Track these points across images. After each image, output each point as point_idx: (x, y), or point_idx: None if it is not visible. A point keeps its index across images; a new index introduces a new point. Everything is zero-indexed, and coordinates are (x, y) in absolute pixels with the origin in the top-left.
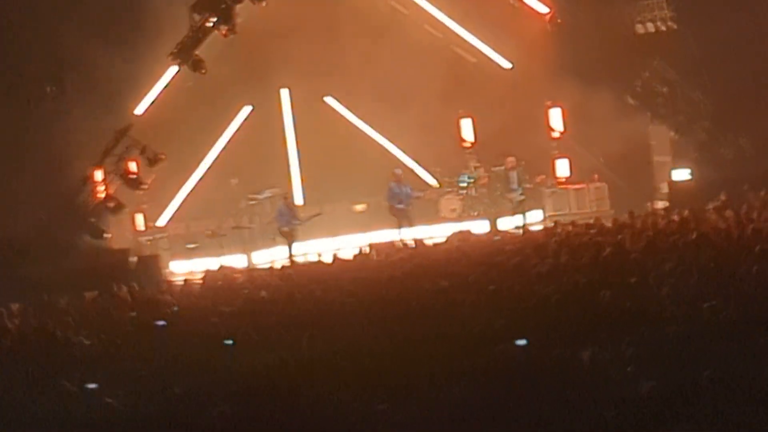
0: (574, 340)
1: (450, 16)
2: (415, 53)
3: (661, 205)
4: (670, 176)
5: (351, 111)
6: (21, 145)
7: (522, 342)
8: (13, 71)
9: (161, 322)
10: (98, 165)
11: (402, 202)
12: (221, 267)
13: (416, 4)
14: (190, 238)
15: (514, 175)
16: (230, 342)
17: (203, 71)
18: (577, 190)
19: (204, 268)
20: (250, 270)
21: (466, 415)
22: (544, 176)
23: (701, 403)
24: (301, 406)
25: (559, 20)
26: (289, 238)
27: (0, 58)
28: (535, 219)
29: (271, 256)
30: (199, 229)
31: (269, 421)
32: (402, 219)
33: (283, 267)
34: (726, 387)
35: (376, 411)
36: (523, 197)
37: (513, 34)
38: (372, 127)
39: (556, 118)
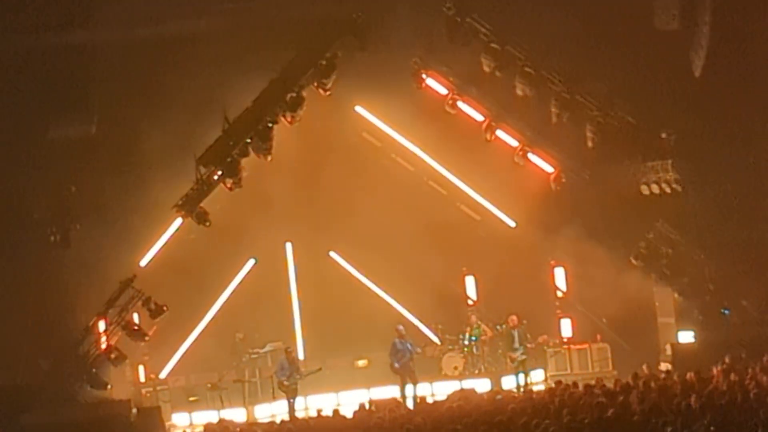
0: None
1: (455, 174)
2: (420, 210)
3: (664, 367)
4: (674, 338)
5: (354, 266)
6: (24, 293)
7: None
8: (18, 219)
9: None
10: (101, 315)
11: (401, 360)
12: (221, 420)
13: (422, 161)
14: (191, 390)
15: (516, 333)
16: None
17: (208, 224)
18: (579, 350)
19: (205, 421)
20: (251, 424)
21: None
22: (546, 336)
23: None
24: None
25: (563, 179)
26: (290, 393)
27: (7, 205)
28: (537, 378)
29: (272, 411)
30: (201, 382)
31: None
32: (405, 375)
33: (283, 422)
34: None
35: None
36: (525, 356)
37: (518, 193)
38: (375, 282)
39: (559, 277)
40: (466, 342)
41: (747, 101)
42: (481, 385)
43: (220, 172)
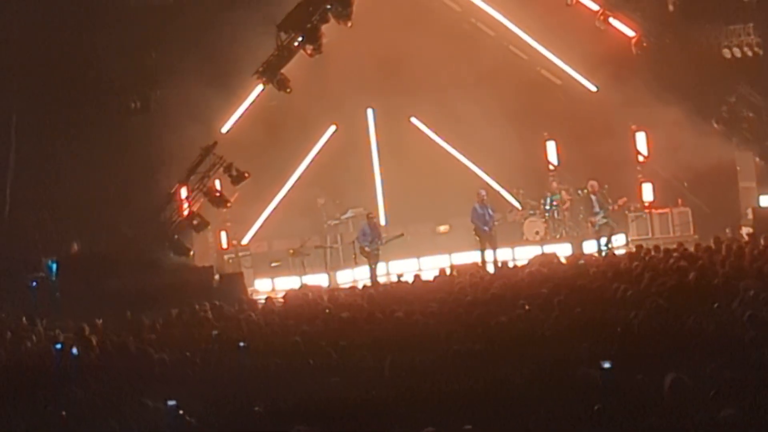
0: (657, 364)
1: (536, 38)
2: (500, 74)
3: (746, 231)
4: (755, 202)
5: (435, 132)
6: (106, 160)
7: (606, 365)
8: (100, 86)
9: (243, 343)
10: (183, 182)
11: (487, 224)
12: (303, 286)
13: (502, 25)
14: (273, 256)
15: (594, 199)
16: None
17: (288, 90)
18: (660, 214)
19: (287, 287)
20: (332, 290)
21: None
22: (626, 198)
23: None
24: (384, 428)
25: (644, 44)
26: (372, 258)
27: (88, 72)
28: (618, 243)
29: (354, 276)
30: (282, 248)
31: None
32: (486, 240)
33: (365, 287)
34: None
35: None
36: (606, 220)
37: (599, 57)
38: (456, 148)
39: (641, 142)
40: (548, 207)
41: None
42: (563, 250)
43: (300, 38)
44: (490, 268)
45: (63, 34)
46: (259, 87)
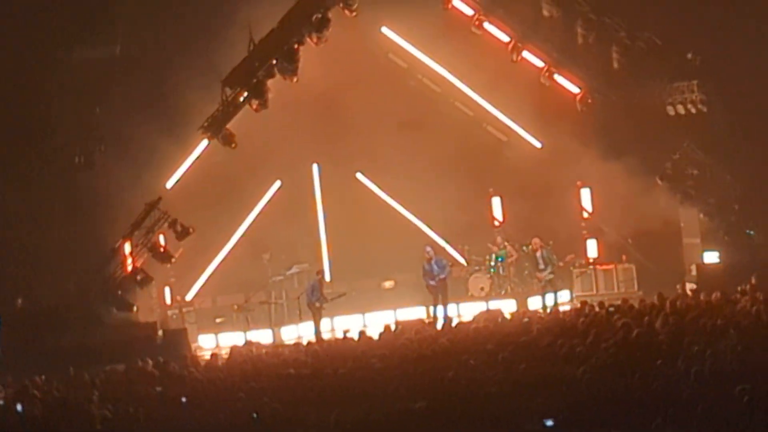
0: (602, 421)
1: (481, 95)
2: (446, 130)
3: (690, 287)
4: (699, 258)
5: (381, 188)
6: (49, 216)
7: (550, 422)
8: (45, 140)
9: (185, 399)
10: (127, 237)
11: (433, 279)
12: (247, 342)
13: (448, 82)
14: (217, 312)
15: (539, 256)
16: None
17: (234, 145)
18: (605, 270)
19: (231, 343)
20: (277, 346)
21: None
22: (573, 255)
23: None
24: None
25: (590, 100)
26: (318, 314)
27: (32, 127)
28: (563, 299)
29: (298, 332)
30: (227, 304)
31: None
32: (437, 295)
33: (309, 343)
34: None
35: None
36: (551, 276)
37: (544, 114)
38: (401, 204)
39: (585, 198)
40: (493, 263)
41: None
42: (508, 306)
43: (245, 94)
44: (438, 324)
45: (8, 86)
46: (204, 142)
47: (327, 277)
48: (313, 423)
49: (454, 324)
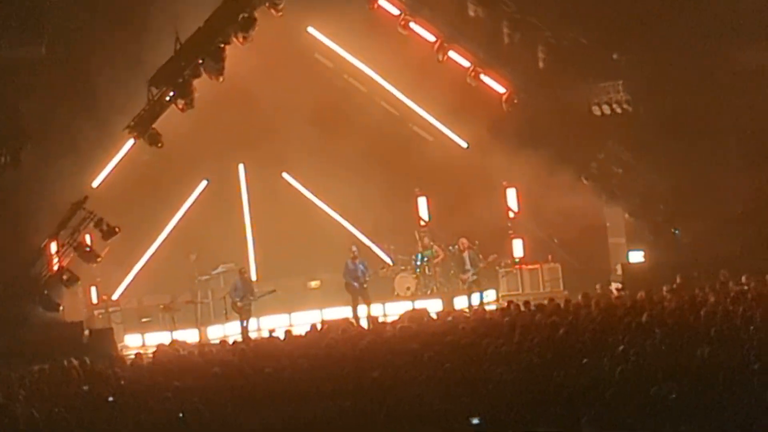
0: (527, 420)
1: (407, 94)
2: (372, 130)
3: (615, 286)
4: (624, 258)
5: (307, 187)
6: None
7: (476, 421)
8: None
9: (112, 398)
10: (53, 237)
11: (357, 280)
12: (173, 341)
13: (375, 82)
14: (143, 312)
15: (466, 256)
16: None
17: (160, 145)
18: (530, 270)
19: (157, 342)
20: (203, 345)
21: None
22: (496, 255)
23: None
24: None
25: (515, 100)
26: (243, 314)
27: None
28: (489, 298)
29: (225, 332)
30: (153, 303)
31: None
32: (358, 296)
33: (235, 343)
34: None
35: None
36: (476, 277)
37: (470, 114)
38: (328, 204)
39: (511, 198)
40: (418, 262)
41: (695, 21)
42: (433, 306)
43: (171, 93)
44: (364, 324)
45: None
46: (131, 141)
47: (253, 277)
48: (240, 422)
49: (380, 321)
